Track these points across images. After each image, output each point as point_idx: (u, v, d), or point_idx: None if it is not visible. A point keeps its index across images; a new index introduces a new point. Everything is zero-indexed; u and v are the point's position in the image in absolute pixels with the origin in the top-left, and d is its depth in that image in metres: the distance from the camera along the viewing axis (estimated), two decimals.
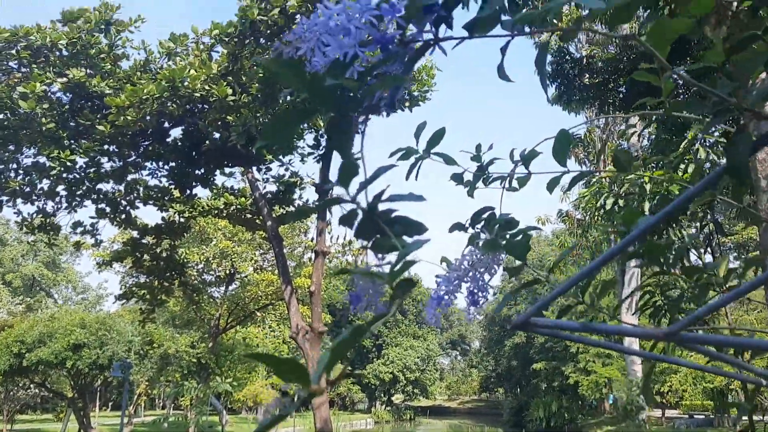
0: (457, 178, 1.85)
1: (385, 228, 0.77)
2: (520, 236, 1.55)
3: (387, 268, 0.77)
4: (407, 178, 1.78)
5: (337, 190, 0.83)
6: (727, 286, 1.88)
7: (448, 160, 1.79)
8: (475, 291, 1.54)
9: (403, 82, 0.80)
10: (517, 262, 1.56)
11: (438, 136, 1.68)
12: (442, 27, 0.87)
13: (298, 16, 7.69)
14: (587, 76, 9.36)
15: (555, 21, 0.97)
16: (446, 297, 1.40)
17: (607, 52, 9.45)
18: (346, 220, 0.79)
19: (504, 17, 0.90)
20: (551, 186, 1.83)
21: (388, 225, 0.77)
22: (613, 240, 13.57)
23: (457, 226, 1.74)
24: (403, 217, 0.78)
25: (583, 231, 13.69)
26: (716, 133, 5.88)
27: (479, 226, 1.77)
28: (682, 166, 5.18)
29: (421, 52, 0.85)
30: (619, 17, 1.06)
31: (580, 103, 9.97)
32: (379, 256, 0.79)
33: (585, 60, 9.39)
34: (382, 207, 0.78)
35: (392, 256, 0.78)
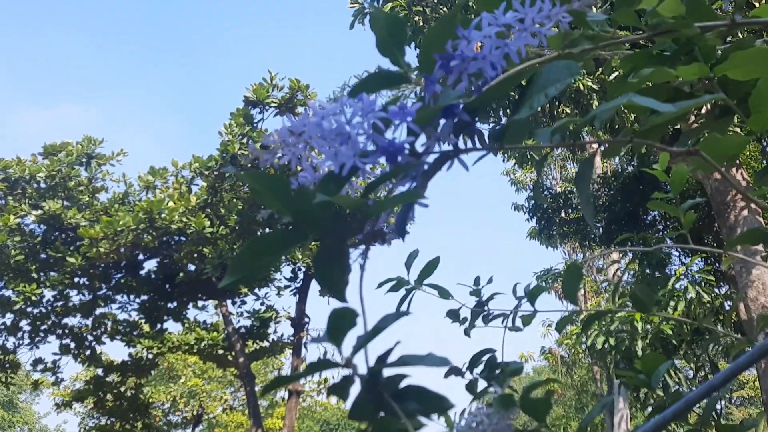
0: (453, 315, 1.65)
1: (392, 403, 0.55)
2: (537, 390, 1.33)
3: None
4: (397, 311, 1.58)
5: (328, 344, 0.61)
6: None
7: (443, 294, 1.60)
8: None
9: (417, 199, 0.60)
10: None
11: (431, 266, 1.50)
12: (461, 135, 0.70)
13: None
14: (564, 211, 9.49)
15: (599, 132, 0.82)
16: None
17: None
18: (337, 391, 0.56)
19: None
20: (561, 326, 1.63)
21: (398, 399, 0.55)
22: (598, 379, 13.13)
23: (454, 371, 1.53)
24: (418, 387, 0.56)
25: (567, 369, 13.27)
26: (695, 269, 5.82)
27: (478, 370, 1.55)
28: (672, 303, 5.06)
29: (437, 166, 0.67)
30: (653, 134, 0.91)
31: (560, 238, 10.00)
32: None
33: (563, 196, 9.55)
34: (387, 372, 0.57)
35: None
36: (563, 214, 9.60)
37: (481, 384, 1.53)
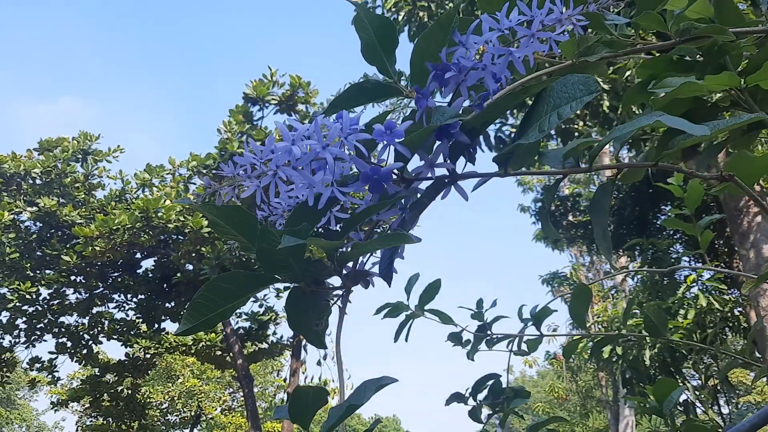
0: (455, 338, 1.56)
1: None
2: (540, 428, 1.24)
3: None
4: (396, 339, 1.49)
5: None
6: None
7: (445, 319, 1.51)
8: None
9: (405, 242, 0.51)
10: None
11: (432, 289, 1.41)
12: (460, 159, 0.60)
13: None
14: (572, 214, 9.35)
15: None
16: None
17: (590, 190, 9.51)
18: None
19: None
20: (568, 352, 1.53)
21: None
22: (603, 386, 13.01)
23: (456, 397, 1.45)
24: None
25: (572, 374, 13.14)
26: (706, 276, 5.70)
27: (482, 396, 1.47)
28: (682, 311, 4.94)
29: (430, 195, 0.57)
30: (678, 154, 0.82)
31: (567, 241, 9.88)
32: None
33: (570, 198, 9.41)
34: None
35: None
36: (571, 218, 9.46)
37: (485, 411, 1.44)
